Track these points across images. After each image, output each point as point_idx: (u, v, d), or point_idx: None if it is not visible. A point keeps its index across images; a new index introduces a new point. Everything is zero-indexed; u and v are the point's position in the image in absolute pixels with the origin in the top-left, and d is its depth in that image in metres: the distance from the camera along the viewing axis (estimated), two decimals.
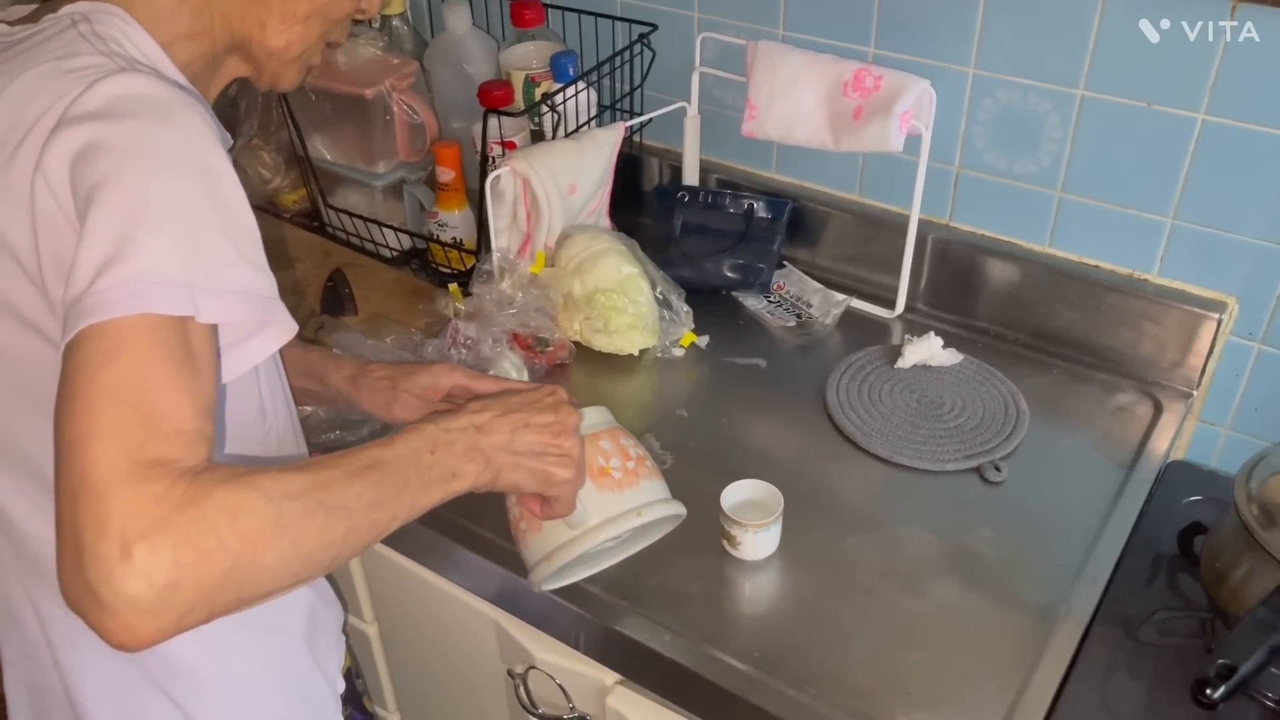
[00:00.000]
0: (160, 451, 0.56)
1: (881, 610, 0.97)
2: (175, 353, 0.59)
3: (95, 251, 0.59)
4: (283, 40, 0.80)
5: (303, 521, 0.60)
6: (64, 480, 0.55)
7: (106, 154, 0.62)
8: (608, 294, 1.23)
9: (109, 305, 0.58)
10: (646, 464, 0.88)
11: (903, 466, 1.12)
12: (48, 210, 0.64)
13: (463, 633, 1.14)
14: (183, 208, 0.63)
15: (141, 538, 0.53)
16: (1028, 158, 1.21)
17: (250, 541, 0.57)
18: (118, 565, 0.53)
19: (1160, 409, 1.18)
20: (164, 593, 0.54)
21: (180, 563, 0.54)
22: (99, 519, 0.53)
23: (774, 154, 1.41)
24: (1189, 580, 1.00)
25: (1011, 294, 1.27)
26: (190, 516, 0.55)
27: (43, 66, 0.68)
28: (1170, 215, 1.15)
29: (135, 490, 0.54)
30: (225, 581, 0.56)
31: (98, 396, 0.56)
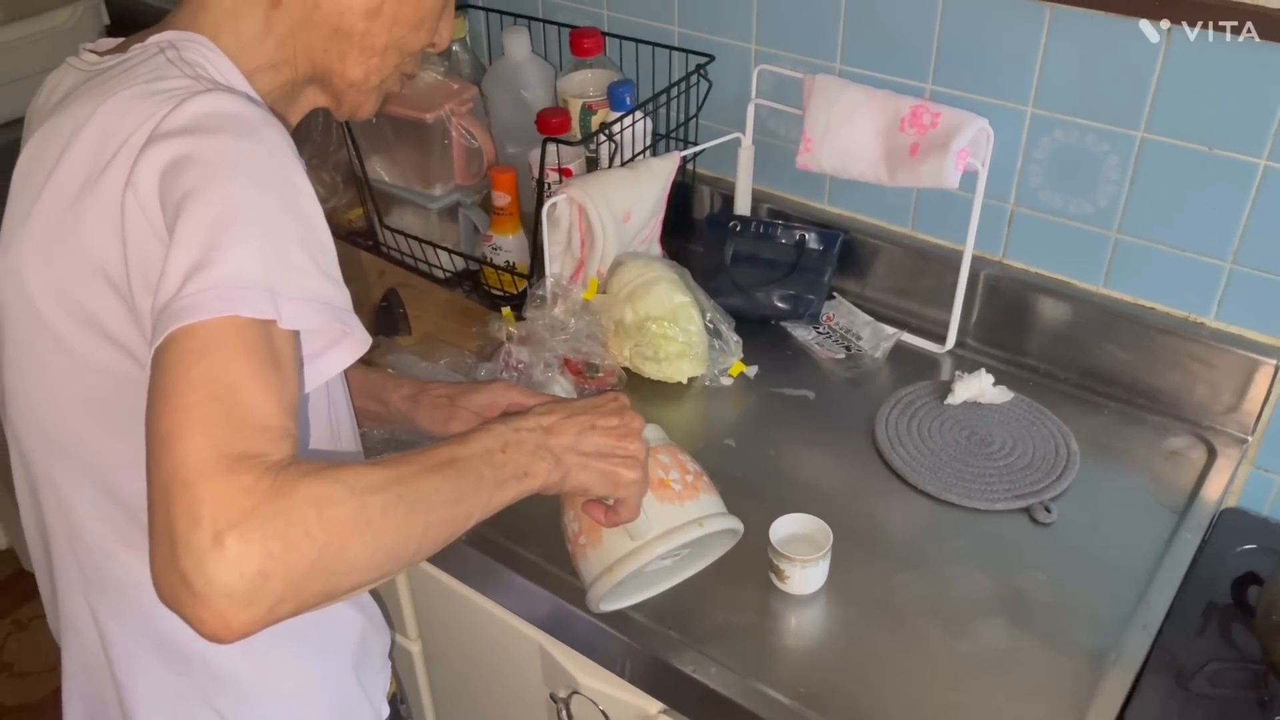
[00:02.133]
0: (248, 445, 0.58)
1: (928, 650, 0.97)
2: (261, 353, 0.61)
3: (185, 258, 0.61)
4: (362, 71, 0.83)
5: (385, 514, 0.61)
6: (156, 474, 0.57)
7: (195, 166, 0.65)
8: (659, 322, 1.24)
9: (198, 308, 0.60)
10: (704, 479, 0.89)
11: (951, 504, 1.11)
12: (136, 224, 0.66)
13: (507, 654, 1.15)
14: (266, 218, 0.65)
15: (232, 527, 0.54)
16: (1084, 198, 1.20)
17: (336, 532, 0.58)
18: (210, 554, 0.54)
19: (1214, 454, 1.17)
20: (255, 581, 0.55)
21: (270, 552, 0.55)
22: (191, 510, 0.55)
23: (826, 185, 1.41)
24: (1242, 631, 0.99)
25: (1063, 333, 1.27)
26: (278, 508, 0.56)
27: (132, 89, 0.71)
28: (1229, 260, 1.14)
29: (225, 482, 0.56)
30: (313, 572, 0.57)
31: (188, 393, 0.58)
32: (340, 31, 0.80)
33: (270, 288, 0.63)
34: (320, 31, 0.80)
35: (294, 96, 0.84)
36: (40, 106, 0.81)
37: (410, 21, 0.83)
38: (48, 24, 1.86)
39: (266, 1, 0.78)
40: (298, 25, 0.79)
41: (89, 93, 0.73)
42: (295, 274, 0.65)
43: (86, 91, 0.74)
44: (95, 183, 0.69)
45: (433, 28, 0.86)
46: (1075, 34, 1.12)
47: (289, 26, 0.79)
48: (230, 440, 0.58)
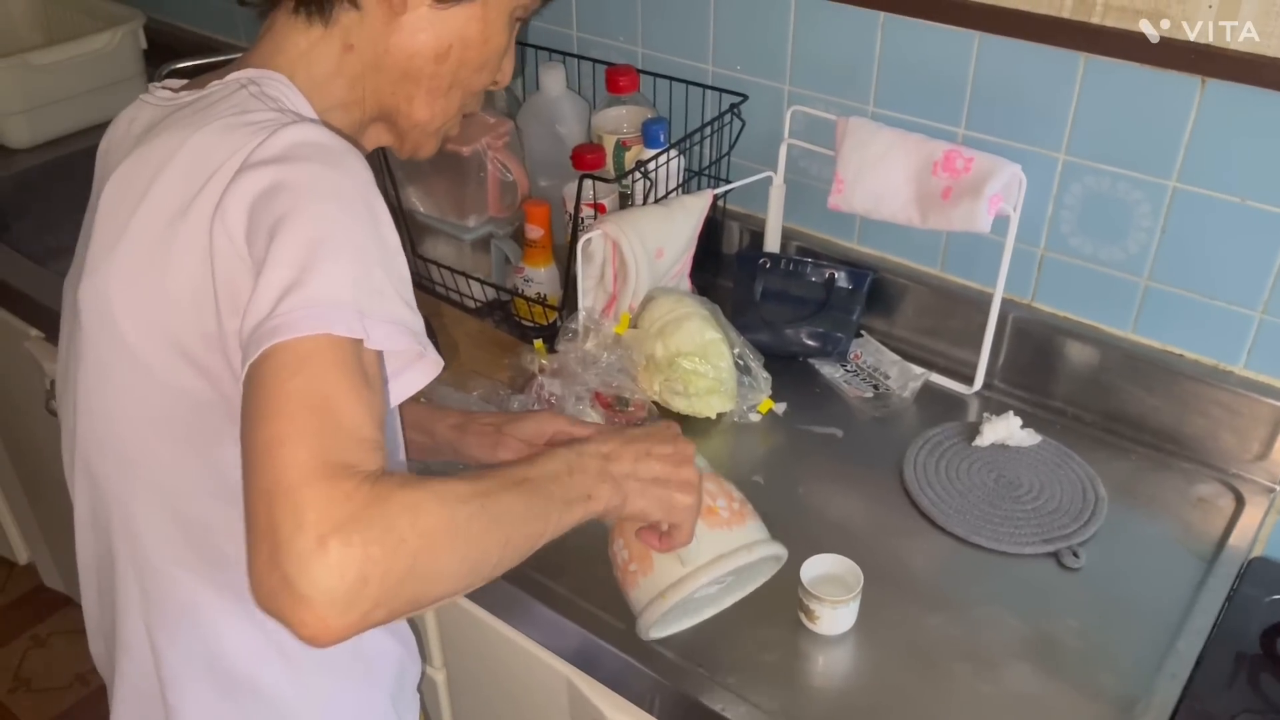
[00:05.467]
0: (345, 455, 0.60)
1: (956, 693, 0.97)
2: (353, 369, 0.63)
3: (278, 278, 0.64)
4: (428, 113, 0.86)
5: (471, 525, 0.64)
6: (257, 481, 0.59)
7: (286, 191, 0.67)
8: (689, 358, 1.25)
9: (294, 325, 0.62)
10: (749, 506, 0.92)
11: (979, 547, 1.12)
12: (224, 251, 0.68)
13: (534, 687, 1.15)
14: (355, 242, 0.67)
15: (335, 531, 0.56)
16: (1115, 244, 1.21)
17: (429, 540, 0.60)
18: (314, 557, 0.56)
19: (1242, 502, 1.17)
20: (355, 585, 0.56)
21: (370, 557, 0.57)
22: (296, 514, 0.56)
23: (856, 225, 1.43)
24: (1272, 682, 0.99)
25: (1091, 377, 1.27)
26: (377, 514, 0.58)
27: (221, 120, 0.73)
28: (1259, 310, 1.15)
29: (327, 488, 0.57)
30: (406, 579, 0.59)
31: (287, 404, 0.60)
32: (409, 75, 0.83)
33: (359, 309, 0.64)
34: (390, 74, 0.83)
35: (361, 134, 0.86)
36: (118, 140, 0.84)
37: (476, 64, 0.86)
38: (87, 48, 1.89)
39: (339, 45, 0.81)
40: (368, 68, 0.82)
41: (175, 125, 0.76)
42: (380, 297, 0.67)
43: (172, 124, 0.76)
44: (185, 212, 0.71)
45: (496, 67, 0.88)
46: (1109, 82, 1.14)
47: (360, 69, 0.82)
48: (329, 449, 0.59)
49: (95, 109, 1.94)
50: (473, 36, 0.84)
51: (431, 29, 0.82)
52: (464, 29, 0.83)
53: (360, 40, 0.81)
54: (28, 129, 1.87)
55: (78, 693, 2.07)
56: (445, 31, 0.83)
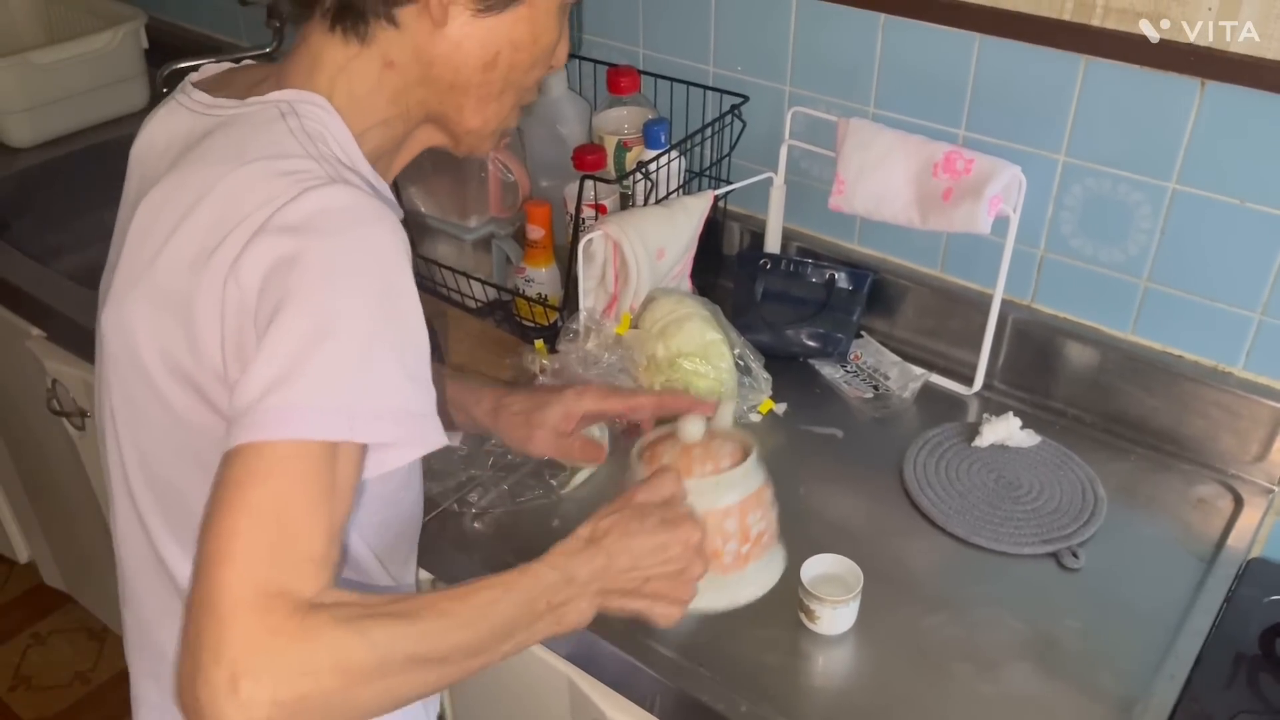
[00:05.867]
0: (285, 582, 0.60)
1: (955, 693, 0.98)
2: (321, 480, 0.63)
3: (269, 367, 0.64)
4: (480, 120, 0.83)
5: (403, 672, 0.63)
6: (197, 589, 0.60)
7: (298, 269, 0.66)
8: (690, 358, 1.25)
9: (270, 424, 0.62)
10: (764, 540, 0.91)
11: (979, 547, 1.12)
12: (234, 302, 0.68)
13: (535, 687, 1.15)
14: (358, 329, 0.66)
15: (248, 674, 0.57)
16: (1115, 246, 1.22)
17: (349, 683, 0.60)
18: (223, 692, 0.57)
19: (1241, 503, 1.17)
20: (249, 713, 0.57)
21: (278, 702, 0.58)
22: (217, 644, 0.58)
23: (857, 226, 1.43)
24: (1270, 682, 0.99)
25: (1091, 378, 1.28)
26: (297, 655, 0.59)
27: (255, 165, 0.71)
28: (1259, 311, 1.15)
29: (255, 621, 0.58)
30: (315, 713, 0.60)
31: (244, 515, 0.61)
32: (456, 86, 0.80)
33: (349, 407, 0.64)
34: (436, 87, 0.80)
35: (405, 141, 0.84)
36: (154, 149, 0.82)
37: (527, 64, 0.82)
38: (88, 47, 1.89)
39: (379, 62, 0.78)
40: (411, 82, 0.79)
41: (211, 155, 0.74)
42: (378, 389, 0.66)
43: (208, 154, 0.74)
44: (208, 260, 0.70)
45: (548, 61, 0.85)
46: (1109, 84, 1.14)
47: (402, 83, 0.79)
48: (270, 577, 0.60)
49: (97, 108, 1.94)
50: (521, 38, 0.80)
51: (476, 38, 0.78)
52: (511, 33, 0.79)
53: (401, 56, 0.78)
54: (29, 128, 1.87)
55: (78, 691, 2.07)
56: (491, 39, 0.78)
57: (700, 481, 0.90)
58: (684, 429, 0.93)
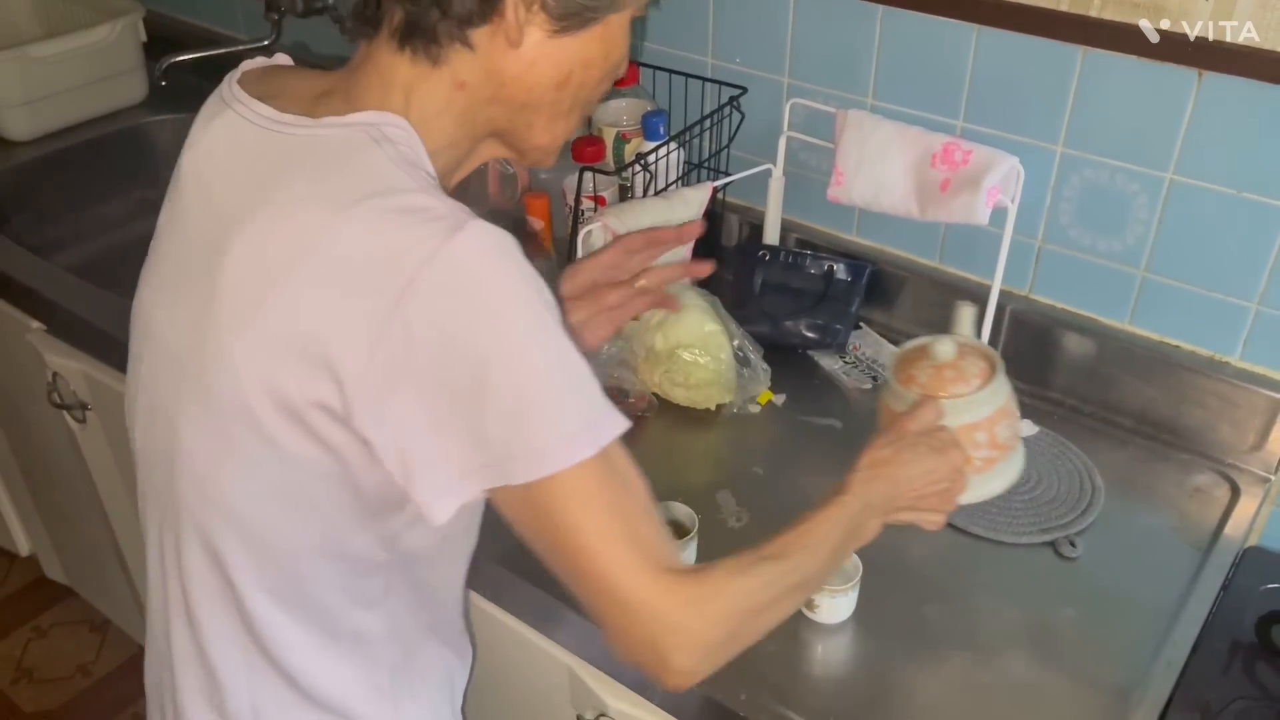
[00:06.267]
0: (664, 562, 0.74)
1: (955, 681, 0.98)
2: (615, 474, 0.73)
3: (508, 420, 0.69)
4: (548, 137, 0.83)
5: (783, 599, 0.81)
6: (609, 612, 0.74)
7: (482, 327, 0.68)
8: (689, 349, 1.26)
9: (549, 461, 0.70)
10: (1008, 446, 1.00)
11: (977, 536, 1.13)
12: (401, 359, 0.68)
13: (534, 675, 1.16)
14: (554, 356, 0.71)
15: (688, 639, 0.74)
16: (1112, 236, 1.22)
17: (754, 617, 0.79)
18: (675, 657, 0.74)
19: (1238, 492, 1.18)
20: (707, 658, 0.76)
21: (714, 647, 0.76)
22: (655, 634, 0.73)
23: (855, 217, 1.43)
24: (1267, 670, 1.00)
25: (1089, 368, 1.28)
26: (713, 610, 0.75)
27: (374, 203, 0.69)
28: (1256, 301, 1.16)
29: (669, 602, 0.73)
30: (732, 647, 0.78)
31: (592, 537, 0.72)
32: (529, 105, 0.79)
33: (592, 421, 0.72)
34: (506, 106, 0.79)
35: (469, 156, 0.83)
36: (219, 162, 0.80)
37: (597, 80, 0.82)
38: (87, 40, 1.89)
39: (450, 83, 0.76)
40: (481, 102, 0.78)
41: (314, 189, 0.72)
42: (592, 390, 0.73)
43: (308, 185, 0.72)
44: (346, 310, 0.68)
45: (616, 73, 0.84)
46: (1107, 76, 1.14)
47: (470, 103, 0.78)
48: (656, 567, 0.73)
49: (95, 101, 1.94)
50: (594, 56, 0.79)
51: (550, 58, 0.77)
52: (584, 51, 0.78)
53: (473, 76, 0.76)
54: (28, 121, 1.87)
55: (79, 684, 2.07)
56: (565, 58, 0.77)
57: (955, 402, 0.98)
58: (936, 349, 1.02)
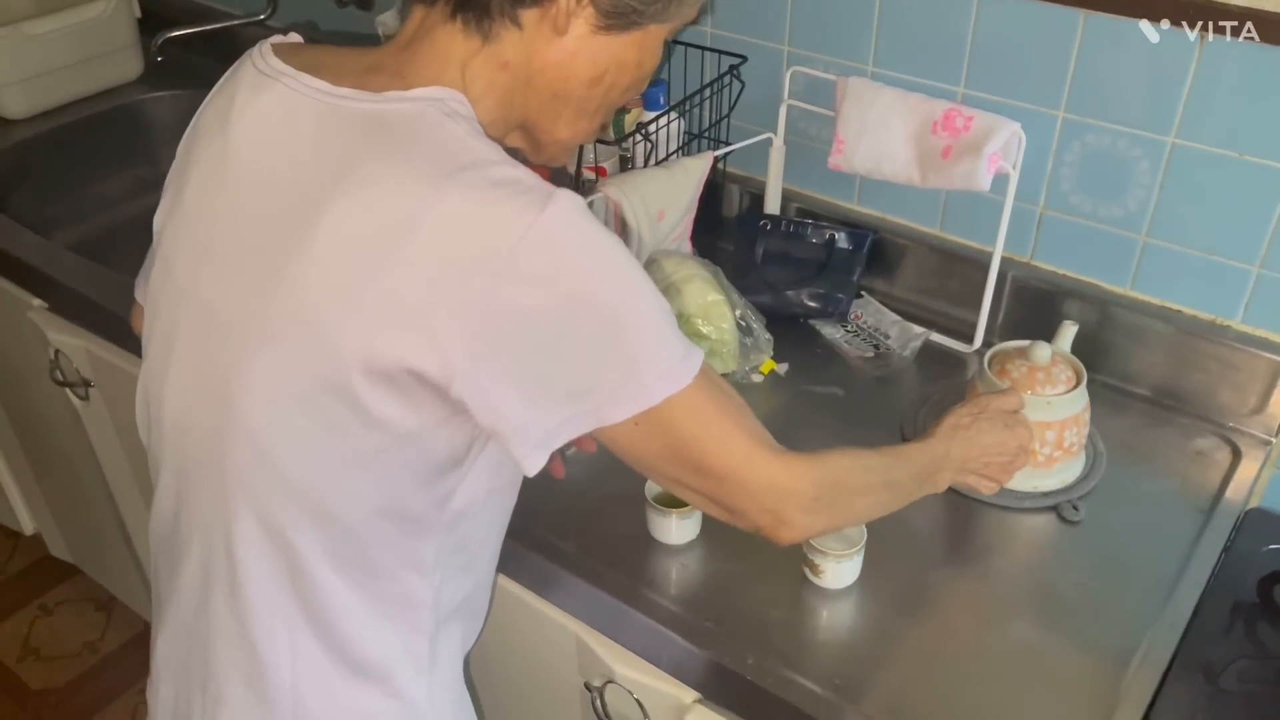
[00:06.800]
0: (773, 444, 0.82)
1: (958, 645, 0.99)
2: (722, 395, 0.81)
3: (633, 361, 0.75)
4: (570, 132, 0.86)
5: (878, 491, 0.91)
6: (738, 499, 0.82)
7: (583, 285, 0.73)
8: (691, 320, 1.26)
9: (673, 382, 0.76)
10: (1072, 451, 1.13)
11: (981, 502, 1.13)
12: (501, 323, 0.71)
13: (541, 643, 1.17)
14: (651, 297, 0.78)
15: (805, 489, 0.83)
16: (1114, 201, 1.22)
17: (854, 492, 0.89)
18: (787, 509, 0.83)
19: (1239, 455, 1.19)
20: (819, 516, 0.85)
21: (824, 497, 0.85)
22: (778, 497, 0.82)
23: (856, 186, 1.43)
24: (1269, 630, 1.01)
25: (1090, 334, 1.28)
26: (820, 470, 0.85)
27: (466, 176, 0.71)
28: (1257, 264, 1.16)
29: (784, 470, 0.82)
30: (833, 514, 0.87)
31: (711, 439, 0.79)
32: (560, 95, 0.82)
33: (685, 349, 0.78)
34: (541, 93, 0.81)
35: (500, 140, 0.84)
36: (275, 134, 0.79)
37: (625, 86, 0.85)
38: (79, 17, 1.88)
39: (495, 62, 0.79)
40: (519, 84, 0.80)
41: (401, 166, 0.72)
42: (674, 325, 0.79)
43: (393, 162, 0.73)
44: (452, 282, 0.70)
45: (643, 85, 0.87)
46: (1108, 40, 1.14)
47: (511, 85, 0.80)
48: (768, 446, 0.81)
49: (91, 78, 1.93)
50: (629, 61, 0.83)
51: (590, 52, 0.80)
52: (622, 54, 0.82)
53: (516, 57, 0.79)
54: (24, 99, 1.86)
55: (86, 661, 2.09)
56: (603, 56, 0.81)
57: (1037, 399, 1.10)
58: (1034, 352, 1.13)
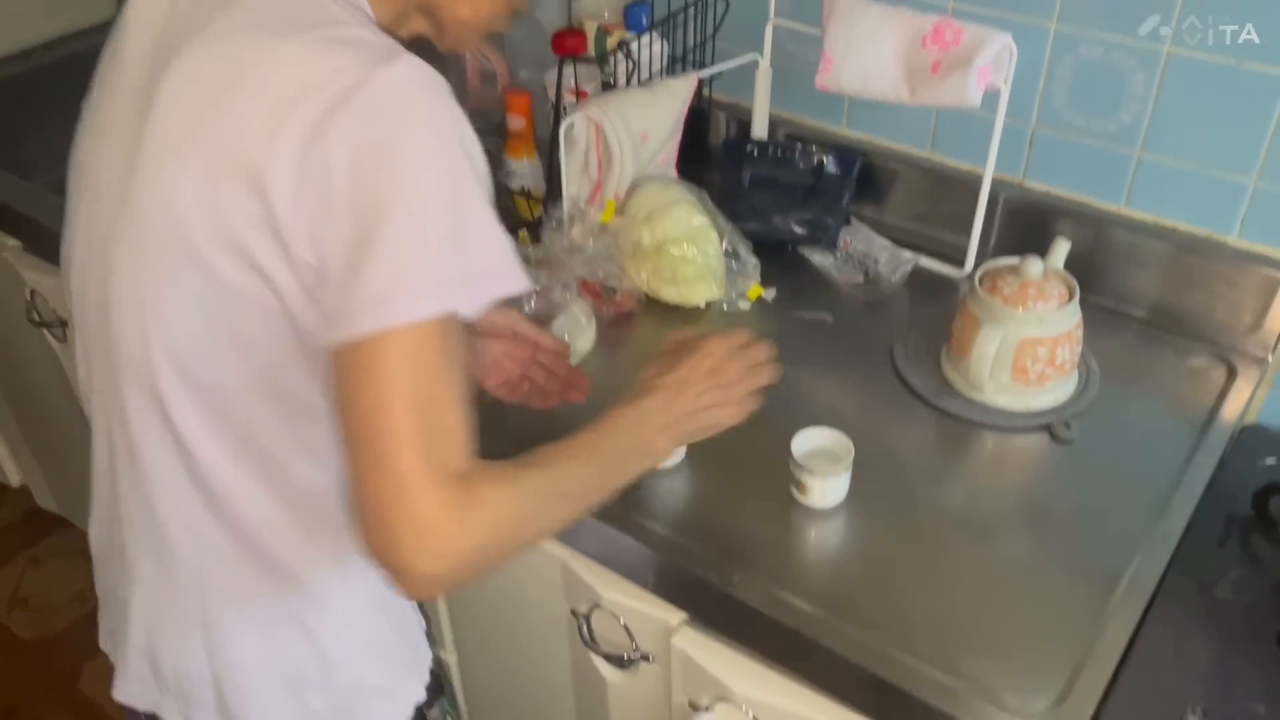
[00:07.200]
0: (446, 460, 0.68)
1: (950, 561, 0.97)
2: (448, 354, 0.69)
3: (388, 260, 0.67)
4: (470, 12, 0.83)
5: (551, 508, 0.76)
6: (371, 482, 0.67)
7: (388, 160, 0.67)
8: (677, 244, 1.23)
9: (392, 312, 0.66)
10: (1065, 369, 1.10)
11: (972, 422, 1.11)
12: (317, 177, 0.68)
13: (527, 570, 1.15)
14: (460, 201, 0.69)
15: (439, 544, 0.67)
16: (1107, 116, 1.19)
17: (515, 528, 0.72)
18: (418, 560, 0.67)
19: (1234, 373, 1.17)
20: (451, 570, 0.68)
21: (461, 551, 0.68)
22: (411, 527, 0.67)
23: (845, 108, 1.40)
24: (1263, 541, 1.00)
25: (1084, 254, 1.25)
26: (474, 518, 0.68)
27: (312, 34, 0.70)
28: (1254, 176, 1.13)
29: (435, 499, 0.67)
30: (489, 560, 0.71)
31: (395, 411, 0.67)
32: None
33: (462, 277, 0.69)
34: None
35: (400, 24, 0.83)
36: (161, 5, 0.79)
37: None
38: None
39: None
40: None
41: (255, 24, 0.72)
42: (483, 248, 0.71)
43: (250, 22, 0.72)
44: (281, 126, 0.68)
45: None
46: None
47: None
48: (435, 461, 0.67)
49: (61, 18, 1.89)
50: None
51: None
52: None
53: None
54: None
55: (76, 611, 2.08)
56: None
57: (1029, 314, 1.06)
58: (1026, 267, 1.09)
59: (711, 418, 0.89)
